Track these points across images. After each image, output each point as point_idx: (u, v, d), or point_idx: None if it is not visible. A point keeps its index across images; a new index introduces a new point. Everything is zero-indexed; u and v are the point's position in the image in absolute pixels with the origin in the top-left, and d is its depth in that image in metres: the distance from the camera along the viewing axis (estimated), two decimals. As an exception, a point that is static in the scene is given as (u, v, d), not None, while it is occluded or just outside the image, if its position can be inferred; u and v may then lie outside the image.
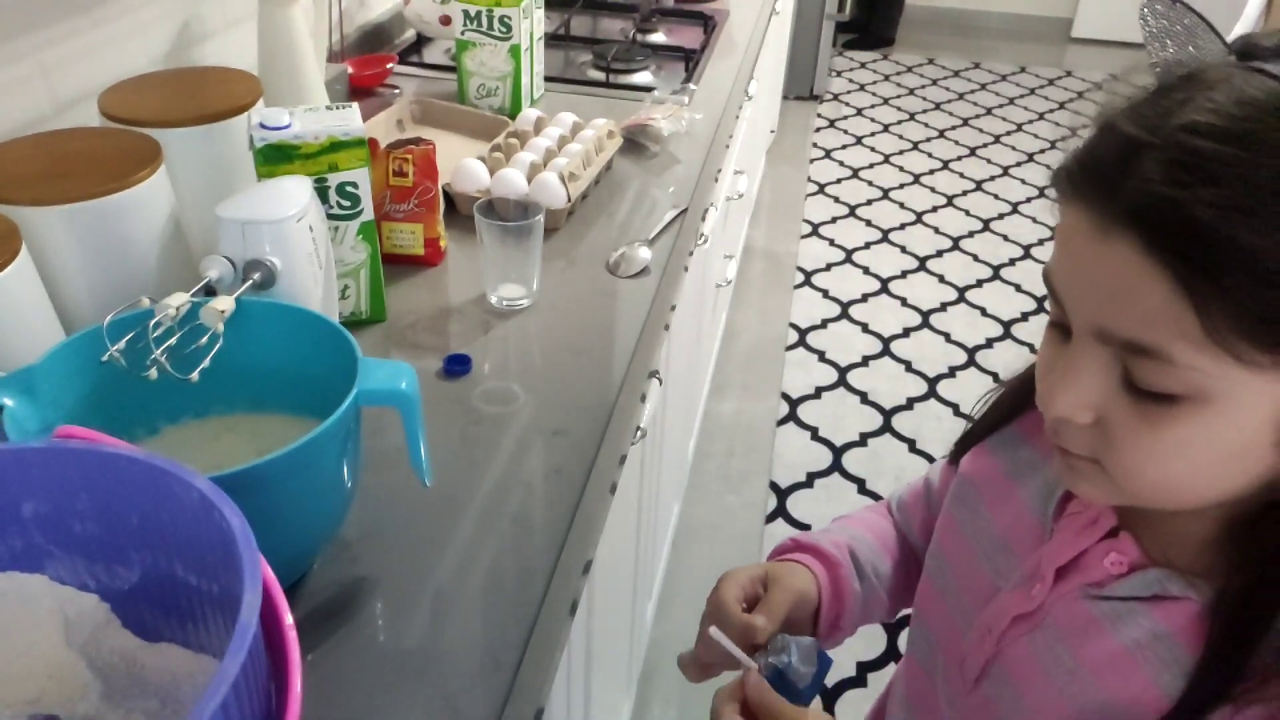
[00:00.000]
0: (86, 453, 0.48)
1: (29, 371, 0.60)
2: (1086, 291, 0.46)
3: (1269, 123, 0.41)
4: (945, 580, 0.67)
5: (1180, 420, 0.45)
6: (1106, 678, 0.53)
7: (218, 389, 0.69)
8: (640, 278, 1.08)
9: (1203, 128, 0.42)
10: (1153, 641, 0.51)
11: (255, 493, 0.53)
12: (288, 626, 0.44)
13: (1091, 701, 0.53)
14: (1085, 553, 0.56)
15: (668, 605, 1.77)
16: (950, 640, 0.64)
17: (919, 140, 3.74)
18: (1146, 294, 0.43)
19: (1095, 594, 0.55)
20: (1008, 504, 0.63)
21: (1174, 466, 0.47)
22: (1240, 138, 0.41)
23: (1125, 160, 0.44)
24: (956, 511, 0.67)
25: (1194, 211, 0.41)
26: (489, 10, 1.36)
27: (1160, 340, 0.43)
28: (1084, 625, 0.55)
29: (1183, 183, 0.41)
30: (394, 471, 0.77)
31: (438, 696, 0.62)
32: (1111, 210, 0.44)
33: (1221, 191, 0.41)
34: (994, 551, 0.63)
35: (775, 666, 0.63)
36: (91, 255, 0.76)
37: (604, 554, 0.95)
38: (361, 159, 0.87)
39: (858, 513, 0.81)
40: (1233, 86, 0.43)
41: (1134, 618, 0.53)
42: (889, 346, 2.59)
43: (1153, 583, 0.52)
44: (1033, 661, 0.57)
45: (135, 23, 1.06)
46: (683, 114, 1.40)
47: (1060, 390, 0.48)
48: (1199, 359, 0.43)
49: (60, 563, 0.51)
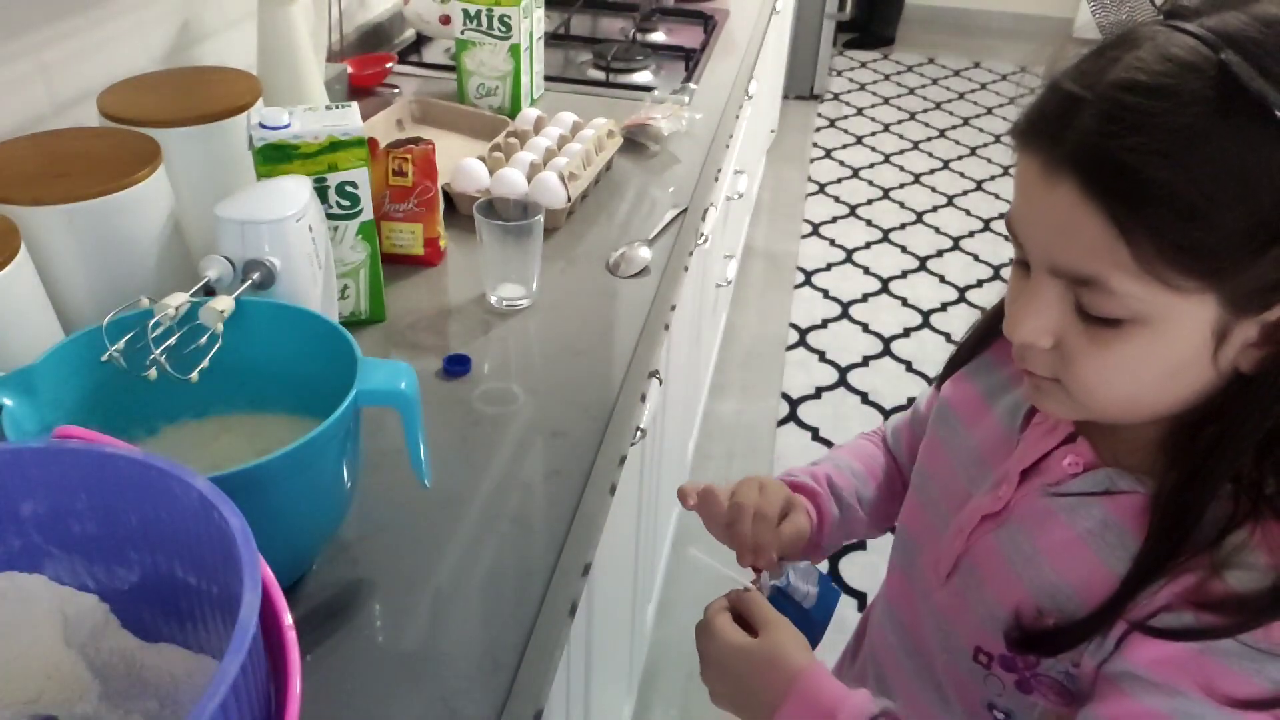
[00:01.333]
0: (85, 453, 0.48)
1: (28, 371, 0.60)
2: (1037, 230, 0.53)
3: (1184, 77, 0.47)
4: (926, 492, 0.74)
5: (1126, 341, 0.51)
6: (1061, 561, 0.60)
7: (217, 389, 0.69)
8: (640, 278, 1.08)
9: (1128, 83, 0.48)
10: (1103, 529, 0.58)
11: (255, 493, 0.53)
12: (287, 627, 0.44)
13: (1046, 583, 0.60)
14: (1046, 456, 0.63)
15: (668, 607, 1.77)
16: (928, 543, 0.71)
17: (919, 140, 3.74)
18: (1086, 230, 0.49)
19: (1054, 491, 0.62)
20: (982, 421, 0.70)
21: (1123, 381, 0.53)
22: (1159, 90, 0.47)
23: (1066, 113, 0.50)
24: (938, 430, 0.74)
25: (1122, 156, 0.47)
26: (489, 10, 1.36)
27: (1100, 270, 0.49)
28: (1043, 517, 0.62)
29: (1112, 133, 0.48)
30: (393, 472, 0.76)
31: (437, 697, 0.62)
32: (1055, 157, 0.50)
33: (1143, 138, 0.47)
34: (970, 463, 0.69)
35: (776, 586, 0.71)
36: (91, 255, 0.76)
37: (604, 555, 0.95)
38: (361, 159, 0.87)
39: (852, 441, 0.89)
40: (1156, 45, 0.49)
41: (1087, 509, 0.60)
42: (889, 346, 2.59)
43: (1104, 480, 0.59)
44: (997, 553, 0.64)
45: (134, 22, 1.06)
46: (683, 113, 1.40)
47: (1023, 319, 0.55)
48: (1134, 286, 0.49)
49: (59, 563, 0.51)
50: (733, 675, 0.66)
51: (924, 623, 0.71)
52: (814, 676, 0.62)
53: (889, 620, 0.77)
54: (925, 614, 0.71)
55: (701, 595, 0.71)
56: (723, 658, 0.66)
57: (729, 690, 0.67)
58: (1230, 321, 0.50)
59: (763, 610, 0.66)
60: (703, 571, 1.84)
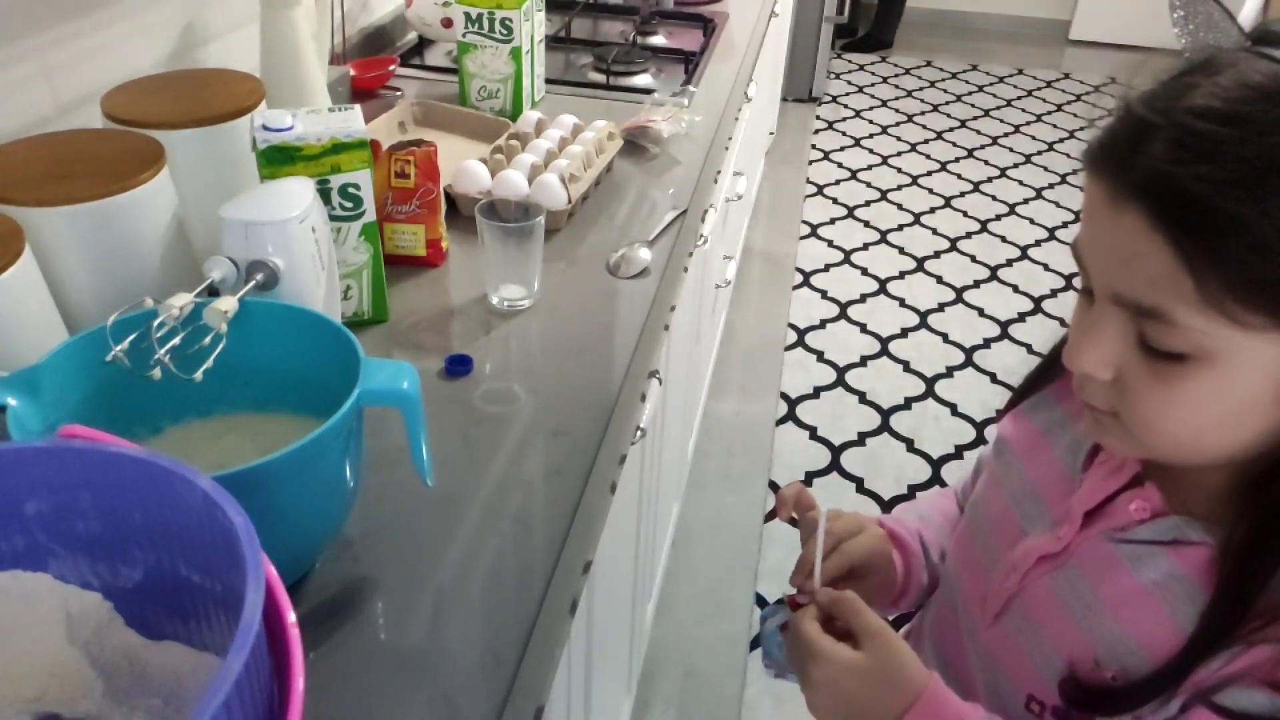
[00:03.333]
0: (89, 452, 0.48)
1: (32, 371, 0.61)
2: (1102, 258, 0.51)
3: (1262, 105, 0.45)
4: (978, 525, 0.71)
5: (1188, 377, 0.49)
6: (1124, 612, 0.57)
7: (221, 389, 0.69)
8: (640, 278, 1.08)
9: (1203, 110, 0.46)
10: (1170, 581, 0.55)
11: (258, 492, 0.53)
12: (290, 625, 0.44)
13: (1107, 634, 0.57)
14: (1112, 500, 0.60)
15: (668, 605, 1.77)
16: (975, 578, 0.69)
17: (917, 142, 3.74)
18: (1151, 260, 0.47)
19: (1119, 537, 0.59)
20: (1040, 457, 0.67)
21: (1183, 418, 0.51)
22: (1234, 119, 0.45)
23: (1136, 140, 0.48)
24: (995, 465, 0.72)
25: (1190, 186, 0.45)
26: (490, 13, 1.36)
27: (1164, 303, 0.47)
28: (1106, 564, 0.59)
29: (1182, 160, 0.46)
30: (396, 471, 0.77)
31: (438, 694, 0.62)
32: (1123, 184, 0.48)
33: (1214, 168, 0.45)
34: (1024, 499, 0.67)
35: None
36: (95, 256, 0.76)
37: (604, 553, 0.95)
38: (364, 160, 0.87)
39: (929, 495, 0.86)
40: (1238, 71, 0.47)
41: (1153, 559, 0.57)
42: (887, 347, 2.59)
43: (1172, 528, 0.56)
44: (1052, 597, 0.61)
45: (138, 25, 1.06)
46: (682, 116, 1.41)
47: (1083, 349, 0.53)
48: (1198, 320, 0.47)
49: (63, 561, 0.51)
50: (846, 695, 0.61)
51: (969, 662, 0.69)
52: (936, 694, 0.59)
53: (931, 655, 0.75)
54: (971, 653, 0.69)
55: (702, 595, 0.71)
56: (836, 678, 0.61)
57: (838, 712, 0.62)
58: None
59: (865, 617, 0.62)
60: (704, 578, 1.85)
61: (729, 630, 1.75)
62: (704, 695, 0.61)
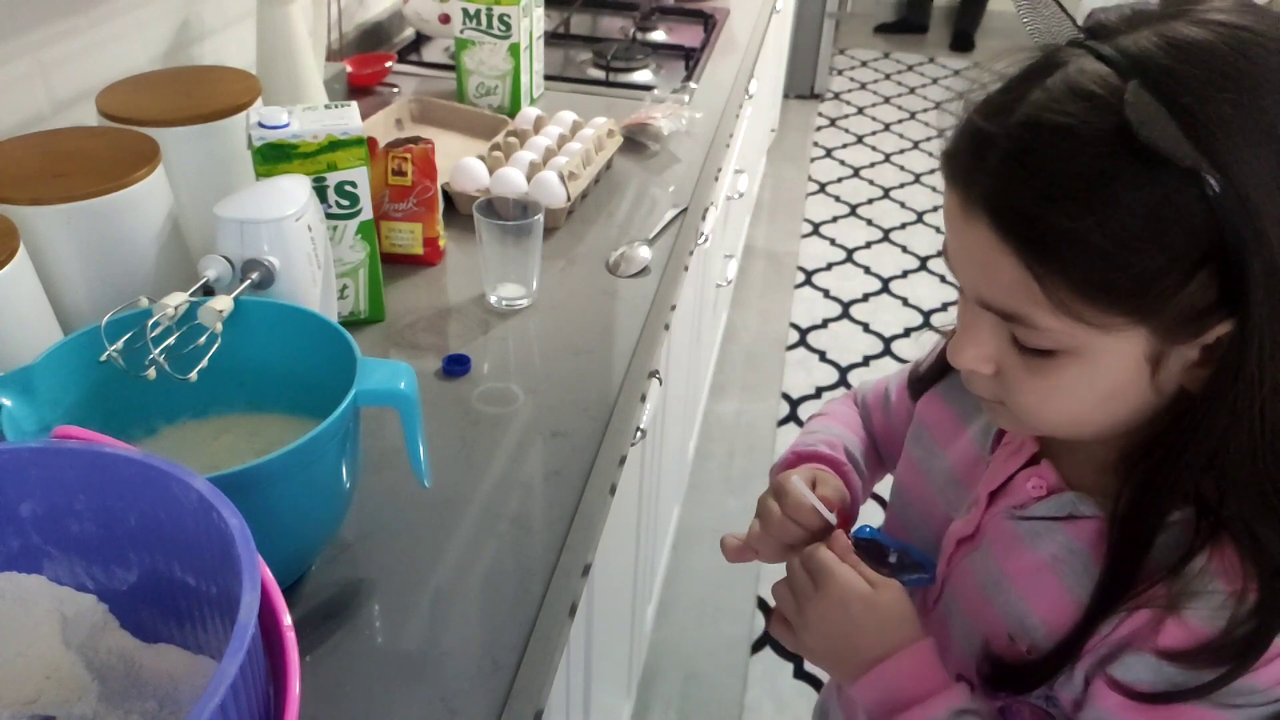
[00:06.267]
0: (84, 453, 0.48)
1: (27, 371, 0.60)
2: (964, 266, 0.53)
3: (1087, 116, 0.45)
4: (908, 514, 0.73)
5: (1059, 369, 0.51)
6: (1027, 587, 0.59)
7: (216, 389, 0.69)
8: (640, 277, 1.08)
9: (1032, 122, 0.46)
10: (1067, 555, 0.57)
11: (254, 493, 0.53)
12: (286, 627, 0.44)
13: (1015, 609, 0.59)
14: (1013, 478, 0.62)
15: (668, 608, 1.77)
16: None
17: (920, 139, 3.74)
18: (1003, 270, 0.48)
19: (1019, 514, 0.61)
20: (957, 442, 0.69)
21: (1062, 406, 0.53)
22: (1063, 131, 0.45)
23: (976, 151, 0.49)
24: (914, 450, 0.73)
25: (1025, 201, 0.46)
26: (488, 8, 1.36)
27: (1020, 308, 0.49)
28: (1009, 542, 0.61)
29: (1015, 175, 0.47)
30: (393, 472, 0.76)
31: (436, 698, 0.61)
32: (970, 195, 0.49)
33: (1045, 184, 0.46)
34: (946, 485, 0.69)
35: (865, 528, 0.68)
36: (89, 255, 0.76)
37: (603, 556, 0.95)
38: (360, 158, 0.86)
39: (833, 407, 0.86)
40: (1066, 75, 0.47)
41: (1050, 535, 0.59)
42: (890, 346, 2.59)
43: (1066, 504, 0.59)
44: (972, 578, 0.63)
45: (133, 22, 1.06)
46: (683, 113, 1.40)
47: (963, 347, 0.55)
48: (1054, 323, 0.48)
49: (58, 563, 0.51)
50: (845, 619, 0.61)
51: None
52: (930, 651, 0.59)
53: None
54: None
55: (701, 595, 0.70)
56: (846, 600, 0.61)
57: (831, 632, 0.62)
58: (1164, 347, 0.49)
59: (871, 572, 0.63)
60: (705, 581, 1.84)
61: (730, 633, 1.74)
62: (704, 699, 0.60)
